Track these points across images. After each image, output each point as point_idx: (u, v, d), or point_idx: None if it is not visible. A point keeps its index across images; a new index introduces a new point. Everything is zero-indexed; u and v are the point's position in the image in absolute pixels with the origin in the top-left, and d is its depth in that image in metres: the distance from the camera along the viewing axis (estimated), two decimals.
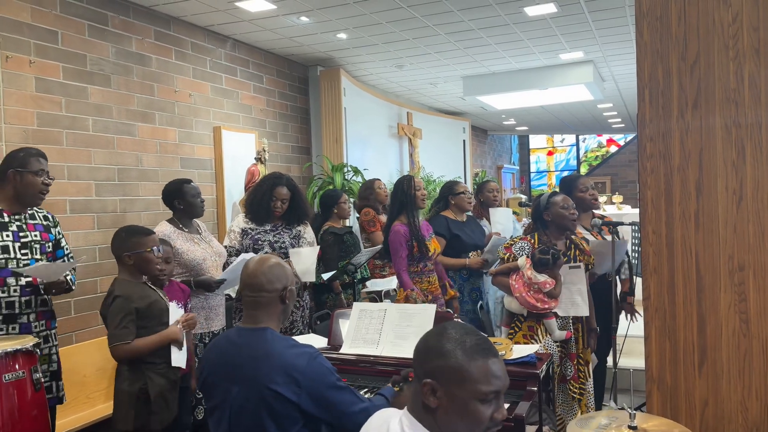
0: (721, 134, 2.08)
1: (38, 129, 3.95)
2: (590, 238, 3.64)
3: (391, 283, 4.67)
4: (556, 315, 3.15)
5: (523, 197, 11.89)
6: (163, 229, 3.35)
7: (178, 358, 2.70)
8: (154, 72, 4.86)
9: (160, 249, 2.82)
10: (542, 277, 3.10)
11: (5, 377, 2.39)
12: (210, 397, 1.99)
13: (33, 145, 3.85)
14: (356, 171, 6.77)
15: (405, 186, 3.83)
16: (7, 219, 2.76)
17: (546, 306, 3.10)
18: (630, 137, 16.09)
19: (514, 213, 9.82)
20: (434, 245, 3.86)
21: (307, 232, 3.85)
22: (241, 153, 5.75)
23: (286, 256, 3.66)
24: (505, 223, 4.51)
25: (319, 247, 3.78)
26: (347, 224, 5.01)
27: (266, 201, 3.72)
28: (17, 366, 2.44)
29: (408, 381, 2.01)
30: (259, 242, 3.65)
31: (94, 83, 4.34)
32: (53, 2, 4.06)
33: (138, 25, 4.72)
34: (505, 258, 3.29)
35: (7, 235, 2.73)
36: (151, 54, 4.85)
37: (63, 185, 4.10)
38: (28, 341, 2.52)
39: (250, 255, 3.43)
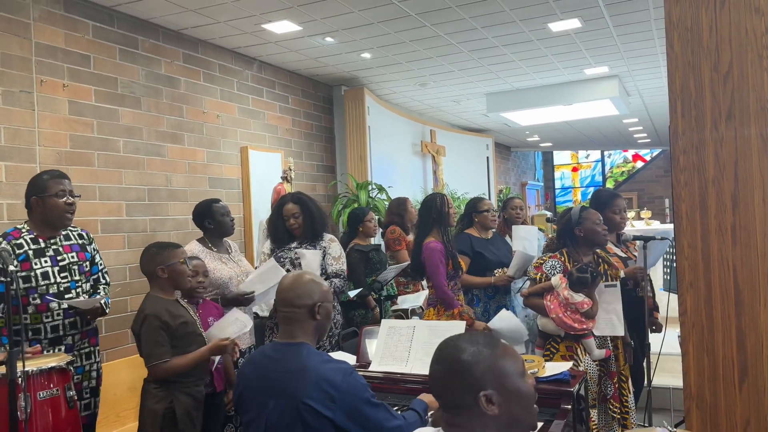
0: (756, 145, 2.04)
1: (71, 151, 4.04)
2: (621, 254, 3.57)
3: (419, 299, 4.63)
4: (593, 334, 3.07)
5: (549, 213, 11.78)
6: (192, 248, 3.39)
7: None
8: (183, 94, 4.96)
9: (188, 262, 2.83)
10: (579, 297, 3.01)
11: (40, 395, 2.41)
12: (246, 411, 1.99)
13: (66, 167, 3.95)
14: (381, 189, 6.78)
15: (438, 203, 3.75)
16: (43, 245, 2.79)
17: (584, 327, 3.01)
18: (656, 152, 15.90)
19: (540, 230, 9.72)
20: (462, 262, 3.81)
21: (333, 247, 3.72)
22: (268, 172, 5.81)
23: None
24: (530, 240, 4.44)
25: (322, 252, 3.60)
26: (372, 242, 5.00)
27: (280, 222, 3.72)
28: (52, 384, 2.46)
29: None
30: (281, 260, 3.67)
31: (125, 105, 4.44)
32: (86, 27, 4.18)
33: (167, 49, 4.83)
34: (537, 278, 3.18)
35: (46, 261, 2.76)
36: (180, 76, 4.95)
37: (94, 206, 4.17)
38: (62, 359, 2.55)
39: (268, 265, 3.43)
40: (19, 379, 2.25)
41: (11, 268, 2.20)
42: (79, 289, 2.85)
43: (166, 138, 4.78)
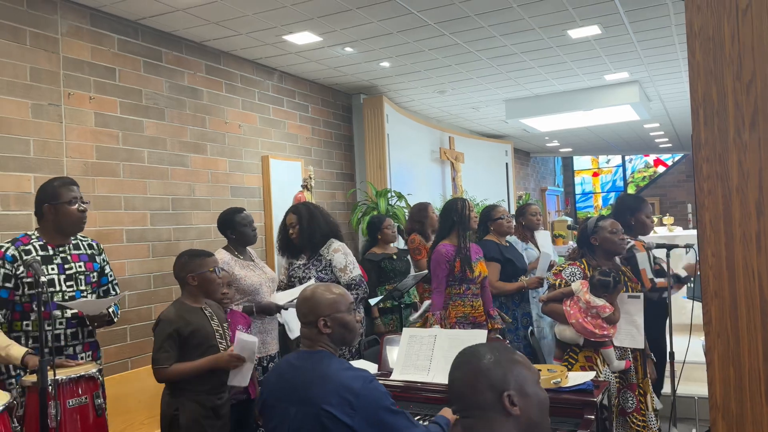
0: None
1: (97, 162, 4.12)
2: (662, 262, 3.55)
3: None
4: (613, 343, 3.04)
5: (569, 220, 11.70)
6: (221, 256, 3.44)
7: (235, 377, 2.71)
8: (205, 105, 5.03)
9: (219, 271, 2.85)
10: (600, 301, 2.99)
11: (69, 403, 2.46)
12: (269, 419, 2.02)
13: (92, 178, 4.03)
14: (400, 196, 6.80)
15: (459, 207, 3.80)
16: (51, 252, 2.77)
17: (605, 332, 2.98)
18: (678, 157, 15.71)
19: (560, 236, 9.65)
20: (480, 268, 3.79)
21: (336, 258, 3.65)
22: (288, 180, 5.86)
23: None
24: (549, 245, 4.47)
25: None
26: (394, 248, 5.02)
27: (285, 233, 3.79)
28: (80, 391, 2.51)
29: None
30: (291, 279, 3.72)
31: (149, 117, 4.52)
32: (111, 41, 4.27)
33: (190, 60, 4.91)
34: (557, 284, 3.17)
35: (53, 269, 2.74)
36: (203, 87, 5.02)
37: (120, 215, 4.25)
38: (90, 367, 2.60)
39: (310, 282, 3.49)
40: (50, 387, 2.31)
41: (42, 279, 2.25)
42: (83, 299, 2.81)
43: (189, 148, 4.85)
